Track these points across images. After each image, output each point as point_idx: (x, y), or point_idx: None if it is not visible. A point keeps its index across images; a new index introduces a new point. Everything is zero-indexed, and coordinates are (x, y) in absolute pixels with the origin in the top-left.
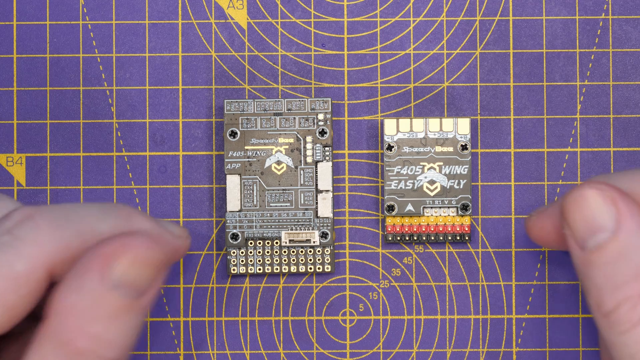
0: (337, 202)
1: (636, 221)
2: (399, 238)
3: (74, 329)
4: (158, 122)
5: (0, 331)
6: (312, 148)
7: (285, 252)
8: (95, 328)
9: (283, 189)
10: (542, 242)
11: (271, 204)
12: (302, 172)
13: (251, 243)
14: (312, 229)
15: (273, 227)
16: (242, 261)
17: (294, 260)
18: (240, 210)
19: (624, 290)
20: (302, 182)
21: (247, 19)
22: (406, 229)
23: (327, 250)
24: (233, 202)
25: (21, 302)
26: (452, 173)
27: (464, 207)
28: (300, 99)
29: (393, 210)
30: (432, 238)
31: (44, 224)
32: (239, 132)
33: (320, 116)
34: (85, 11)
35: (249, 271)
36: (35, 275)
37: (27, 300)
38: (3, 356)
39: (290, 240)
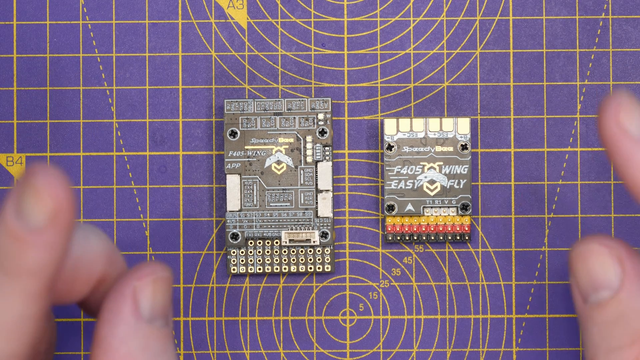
0: (337, 202)
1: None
2: (399, 238)
3: None
4: (158, 122)
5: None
6: (312, 148)
7: (285, 252)
8: None
9: (283, 189)
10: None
11: (271, 204)
12: (302, 172)
13: (251, 243)
14: (312, 229)
15: (273, 227)
16: (242, 261)
17: (294, 260)
18: (240, 210)
19: (617, 355)
20: (302, 181)
21: (247, 19)
22: (406, 229)
23: (327, 250)
24: (233, 201)
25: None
26: (452, 173)
27: (464, 207)
28: (300, 99)
29: (393, 210)
30: (432, 238)
31: None
32: (239, 132)
33: (320, 116)
34: (85, 11)
35: (249, 271)
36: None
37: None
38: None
39: (290, 240)
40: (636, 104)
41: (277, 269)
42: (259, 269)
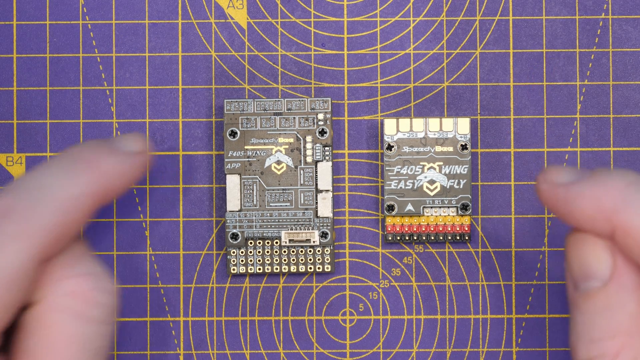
0: (337, 202)
1: (629, 278)
2: (399, 238)
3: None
4: (158, 122)
5: (3, 325)
6: (312, 148)
7: (285, 252)
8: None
9: (283, 189)
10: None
11: (271, 204)
12: (302, 172)
13: (251, 243)
14: (312, 229)
15: (273, 227)
16: (242, 261)
17: (294, 260)
18: (240, 210)
19: (598, 346)
20: (302, 182)
21: (247, 19)
22: (406, 229)
23: (327, 250)
24: (233, 202)
25: (19, 295)
26: (452, 173)
27: (464, 207)
28: (300, 99)
29: (393, 210)
30: (432, 238)
31: (22, 215)
32: (239, 132)
33: (320, 116)
34: (85, 11)
35: (249, 271)
36: (29, 268)
37: (24, 292)
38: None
39: (290, 240)
40: (558, 166)
41: (277, 269)
42: (259, 269)
